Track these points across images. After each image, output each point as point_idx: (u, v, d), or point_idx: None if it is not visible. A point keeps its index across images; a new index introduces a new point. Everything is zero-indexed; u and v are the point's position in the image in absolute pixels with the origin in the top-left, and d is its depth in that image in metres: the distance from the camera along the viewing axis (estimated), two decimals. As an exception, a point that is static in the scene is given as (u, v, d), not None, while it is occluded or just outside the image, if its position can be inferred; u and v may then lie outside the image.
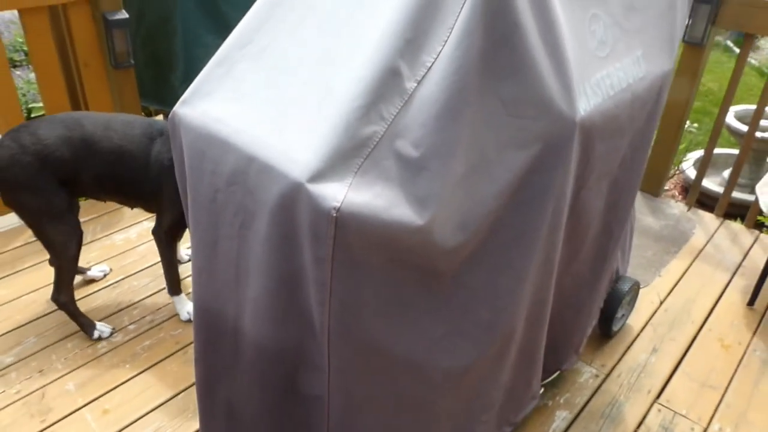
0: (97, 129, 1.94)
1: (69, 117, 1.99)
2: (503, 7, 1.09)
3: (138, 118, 2.04)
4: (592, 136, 1.33)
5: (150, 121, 2.01)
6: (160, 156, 1.92)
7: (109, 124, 1.97)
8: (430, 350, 1.27)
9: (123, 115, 2.06)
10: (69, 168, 1.91)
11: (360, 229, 1.02)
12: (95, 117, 2.00)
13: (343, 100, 1.04)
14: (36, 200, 1.92)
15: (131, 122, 1.99)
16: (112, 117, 2.02)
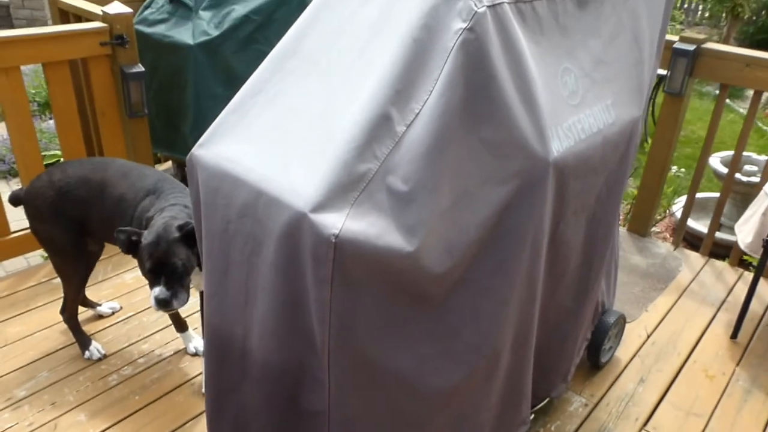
0: (115, 175, 2.05)
1: (99, 161, 2.14)
2: (481, 62, 1.25)
3: (155, 173, 2.09)
4: (566, 174, 1.48)
5: (159, 178, 2.05)
6: (143, 212, 1.93)
7: (129, 173, 2.06)
8: (421, 368, 1.39)
9: (147, 168, 2.13)
10: (82, 208, 2.05)
11: (356, 253, 1.16)
12: (121, 165, 2.11)
13: (342, 141, 1.20)
14: (50, 232, 2.11)
15: (145, 175, 2.05)
16: (135, 168, 2.11)
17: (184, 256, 1.76)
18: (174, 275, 1.75)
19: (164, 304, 1.75)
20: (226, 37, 2.90)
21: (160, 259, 1.74)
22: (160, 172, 2.12)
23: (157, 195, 1.97)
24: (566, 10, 1.52)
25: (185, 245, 1.75)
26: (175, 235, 1.75)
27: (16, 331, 2.40)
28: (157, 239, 1.74)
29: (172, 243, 1.74)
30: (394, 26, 1.29)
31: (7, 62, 2.51)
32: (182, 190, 2.00)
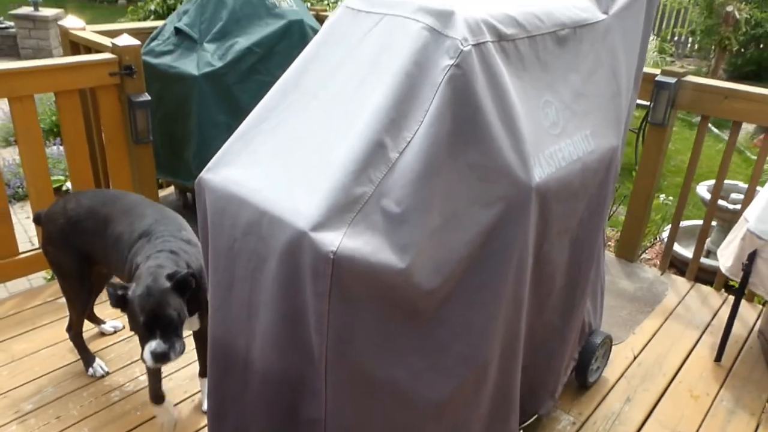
0: (118, 212, 2.06)
1: (110, 195, 2.20)
2: (467, 95, 1.37)
3: (153, 213, 2.06)
4: (549, 198, 1.59)
5: (155, 219, 2.03)
6: (134, 256, 1.90)
7: (131, 211, 2.06)
8: (414, 380, 1.47)
9: (149, 206, 2.11)
10: (88, 239, 2.11)
11: (352, 269, 1.26)
12: (127, 201, 2.13)
13: (340, 166, 1.31)
14: (58, 256, 2.20)
15: (144, 215, 2.04)
16: (138, 205, 2.10)
17: (177, 305, 1.71)
18: (170, 327, 1.69)
19: (162, 357, 1.66)
20: (230, 68, 3.04)
21: (154, 311, 1.67)
22: (159, 211, 2.10)
23: (149, 238, 1.93)
24: (546, 48, 1.64)
25: (177, 294, 1.71)
26: (166, 285, 1.70)
27: (22, 348, 2.48)
28: (147, 291, 1.69)
29: (165, 293, 1.69)
30: (388, 62, 1.41)
31: (22, 91, 2.63)
32: (174, 232, 1.97)
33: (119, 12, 10.28)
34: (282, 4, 3.22)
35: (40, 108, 6.36)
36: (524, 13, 1.59)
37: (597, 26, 1.82)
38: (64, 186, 5.14)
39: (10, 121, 6.75)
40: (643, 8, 2.00)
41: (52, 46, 9.74)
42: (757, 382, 2.57)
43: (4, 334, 2.56)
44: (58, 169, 5.41)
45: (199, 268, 1.86)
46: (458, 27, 1.39)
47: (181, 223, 2.07)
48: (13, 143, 6.31)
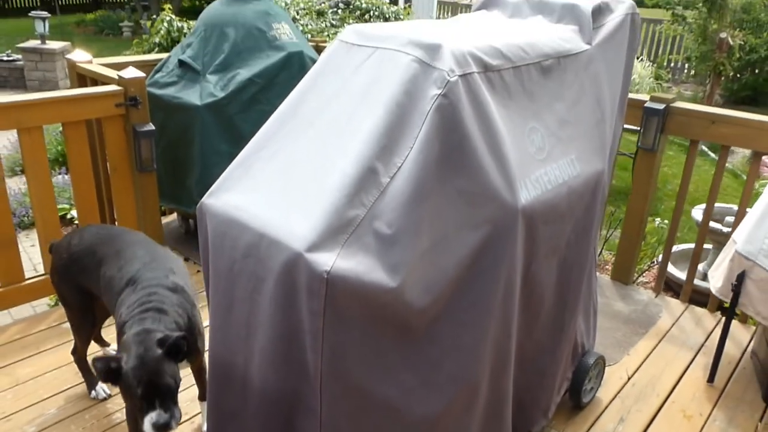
0: (111, 254, 2.04)
1: (108, 234, 2.17)
2: (454, 123, 1.45)
3: (143, 256, 2.02)
4: (535, 220, 1.66)
5: (144, 263, 1.98)
6: (120, 306, 1.86)
7: (122, 252, 2.04)
8: (406, 397, 1.53)
9: (141, 247, 2.07)
10: (86, 276, 2.12)
11: (346, 288, 1.32)
12: (121, 241, 2.10)
13: (334, 190, 1.38)
14: (61, 289, 2.25)
15: (134, 259, 2.00)
16: (129, 246, 2.06)
17: (173, 371, 1.66)
18: (168, 395, 1.63)
19: (165, 428, 1.61)
20: (231, 98, 3.14)
21: (152, 381, 1.61)
22: (150, 253, 2.05)
23: (134, 287, 1.88)
24: (531, 77, 1.73)
25: (171, 360, 1.66)
26: (159, 353, 1.64)
27: (27, 372, 2.53)
28: (141, 362, 1.62)
29: (160, 362, 1.63)
30: (380, 92, 1.50)
31: (31, 122, 2.72)
32: (161, 279, 1.92)
33: (124, 45, 10.51)
34: (282, 36, 3.33)
35: (46, 138, 6.44)
36: (509, 45, 1.68)
37: (580, 56, 1.91)
38: (68, 214, 5.23)
39: (15, 151, 6.89)
40: (625, 39, 2.09)
41: (58, 78, 9.94)
42: (750, 402, 2.60)
43: (8, 359, 2.61)
44: (63, 198, 5.50)
45: (187, 320, 1.84)
46: (445, 59, 1.48)
47: (171, 266, 2.01)
48: (19, 173, 6.42)
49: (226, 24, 3.27)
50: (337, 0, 6.78)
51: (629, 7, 2.09)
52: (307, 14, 6.04)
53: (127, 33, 14.51)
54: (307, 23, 5.82)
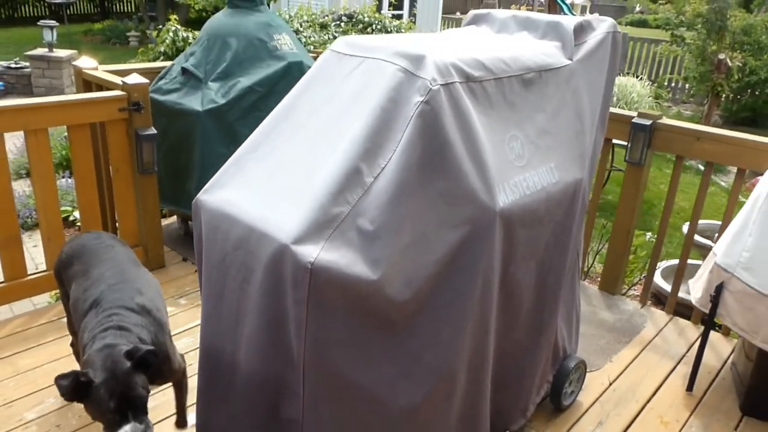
0: (81, 270, 2.00)
1: (87, 247, 2.10)
2: (435, 128, 1.55)
3: (111, 276, 1.94)
4: (513, 222, 1.75)
5: (107, 285, 1.90)
6: (83, 330, 1.78)
7: (91, 270, 1.98)
8: (387, 386, 1.61)
9: (112, 267, 1.99)
10: (64, 285, 2.11)
11: (329, 279, 1.41)
12: (97, 256, 2.04)
13: (320, 188, 1.48)
14: (60, 294, 2.25)
15: (100, 279, 1.93)
16: (103, 262, 2.00)
17: (143, 382, 1.61)
18: (140, 406, 1.59)
19: None
20: (232, 105, 3.25)
21: (124, 394, 1.56)
22: (119, 273, 1.97)
23: (97, 310, 1.81)
24: (513, 89, 1.83)
25: (141, 371, 1.61)
26: (128, 365, 1.59)
27: (27, 362, 2.62)
28: (111, 375, 1.57)
29: (130, 374, 1.58)
30: (367, 99, 1.60)
31: (37, 124, 2.83)
32: (125, 301, 1.83)
33: (131, 54, 10.68)
34: (283, 47, 3.45)
35: (51, 143, 6.59)
36: (491, 58, 1.78)
37: (562, 70, 2.01)
38: (71, 216, 5.33)
39: (21, 155, 7.01)
40: (607, 55, 2.20)
41: (64, 85, 10.09)
42: (727, 411, 2.67)
43: (10, 350, 2.70)
44: (66, 201, 5.61)
45: (153, 341, 1.77)
46: (428, 69, 1.58)
47: (139, 287, 1.93)
48: (24, 176, 6.54)
49: (229, 34, 3.39)
50: (340, 14, 6.92)
51: (610, 25, 2.20)
52: (311, 26, 6.18)
53: (134, 42, 14.72)
54: (310, 35, 5.95)
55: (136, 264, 2.11)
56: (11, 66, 10.49)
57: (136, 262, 2.11)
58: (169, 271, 3.46)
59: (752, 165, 2.96)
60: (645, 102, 10.27)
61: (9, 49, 13.62)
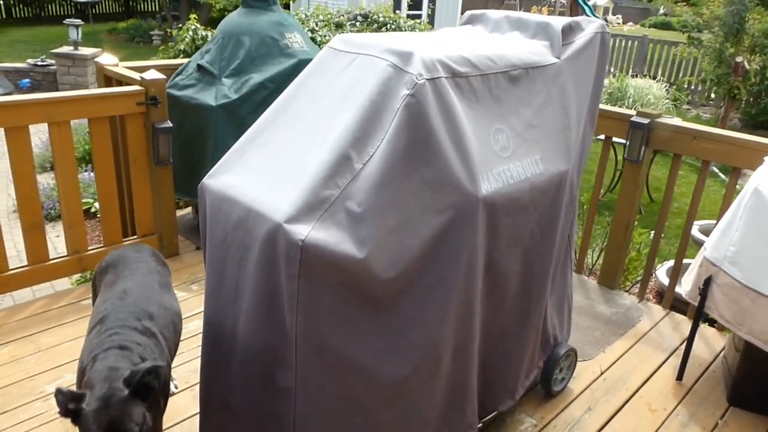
0: (107, 282, 1.99)
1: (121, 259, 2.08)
2: (421, 119, 1.67)
3: (121, 296, 1.87)
4: (496, 210, 1.87)
5: (113, 305, 1.82)
6: (85, 349, 1.71)
7: (112, 286, 1.93)
8: (373, 360, 1.73)
9: (130, 283, 1.93)
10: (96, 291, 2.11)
11: (318, 255, 1.54)
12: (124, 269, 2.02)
13: (312, 173, 1.61)
14: (92, 299, 2.21)
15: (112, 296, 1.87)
16: (124, 279, 1.95)
17: (139, 416, 1.47)
18: None
19: None
20: (244, 100, 3.40)
21: (113, 426, 1.43)
22: (132, 291, 1.90)
23: (100, 328, 1.72)
24: (499, 84, 1.95)
25: (139, 400, 1.48)
26: (125, 394, 1.46)
27: (48, 340, 2.80)
28: (105, 403, 1.44)
29: (124, 404, 1.45)
30: (359, 92, 1.72)
31: (60, 117, 3.00)
32: (130, 321, 1.73)
33: (153, 52, 10.94)
34: (294, 45, 3.60)
35: (75, 138, 6.83)
36: (478, 56, 1.90)
37: (549, 68, 2.12)
38: (92, 208, 5.54)
39: (46, 149, 7.26)
40: (595, 55, 2.30)
41: (89, 82, 10.38)
42: (714, 401, 2.75)
43: (33, 329, 2.88)
44: (88, 193, 5.82)
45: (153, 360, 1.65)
46: (416, 65, 1.70)
47: (154, 311, 1.83)
48: (48, 169, 6.78)
49: (243, 33, 3.54)
50: (355, 13, 7.07)
51: (599, 26, 2.30)
52: (326, 26, 6.32)
53: (157, 41, 15.02)
54: (326, 34, 6.10)
55: (165, 286, 2.01)
56: (38, 63, 10.81)
57: (165, 284, 2.03)
58: (183, 258, 3.63)
59: (746, 164, 3.03)
60: (661, 104, 10.27)
61: (36, 47, 14.00)
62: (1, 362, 2.64)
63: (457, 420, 2.08)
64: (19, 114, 2.87)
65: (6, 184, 6.25)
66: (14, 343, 2.77)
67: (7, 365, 2.63)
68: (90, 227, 5.43)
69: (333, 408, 1.76)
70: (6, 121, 2.84)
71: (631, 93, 10.21)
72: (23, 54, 12.64)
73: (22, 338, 2.81)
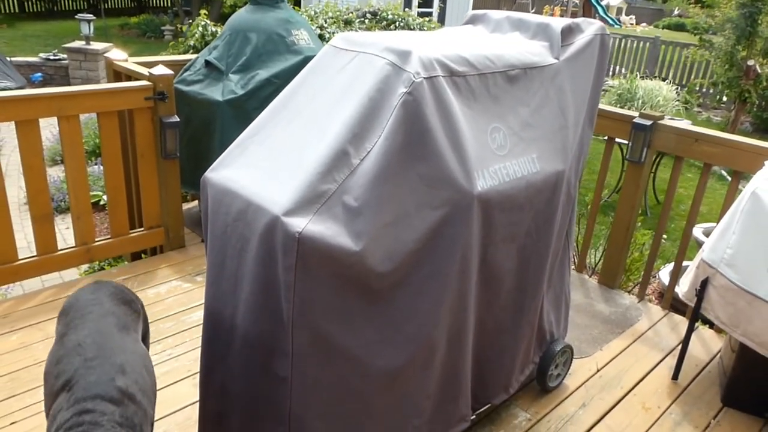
0: (60, 331, 1.70)
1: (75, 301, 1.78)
2: (418, 116, 1.71)
3: (84, 350, 1.55)
4: (491, 206, 1.91)
5: (87, 357, 1.53)
6: (53, 416, 1.44)
7: (66, 336, 1.63)
8: (368, 350, 1.78)
9: (91, 331, 1.62)
10: None
11: (315, 247, 1.59)
12: (78, 312, 1.72)
13: (310, 168, 1.65)
14: None
15: (73, 351, 1.55)
16: (82, 324, 1.65)
17: None
18: None
19: None
20: (250, 95, 3.46)
21: None
22: (96, 341, 1.59)
23: (69, 394, 1.45)
24: (497, 84, 1.99)
25: None
26: None
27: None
28: None
29: None
30: (358, 89, 1.77)
31: (70, 111, 3.06)
32: (102, 387, 1.45)
33: (164, 47, 11.03)
34: (300, 42, 3.64)
35: (85, 131, 6.94)
36: (476, 55, 1.93)
37: (547, 69, 2.15)
38: (101, 200, 5.62)
39: (57, 142, 7.36)
40: (594, 57, 2.33)
41: (100, 76, 10.48)
42: (709, 401, 2.78)
43: (41, 317, 2.94)
44: (98, 186, 5.90)
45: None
46: (413, 63, 1.75)
47: (123, 362, 1.54)
48: (59, 162, 6.88)
49: (250, 29, 3.59)
50: (365, 10, 7.10)
51: (599, 28, 2.33)
52: (335, 23, 6.36)
53: (168, 36, 15.13)
54: (335, 31, 6.14)
55: (124, 328, 1.70)
56: (50, 58, 10.93)
57: (124, 326, 1.70)
58: (189, 250, 3.69)
59: (746, 167, 3.05)
60: (671, 106, 10.24)
61: (48, 41, 14.15)
62: (11, 348, 2.71)
63: (450, 411, 2.12)
64: (30, 108, 2.93)
65: (18, 176, 6.35)
66: (23, 331, 2.84)
67: (16, 351, 2.70)
68: (99, 219, 5.51)
69: (328, 396, 1.80)
70: (17, 114, 2.90)
71: (640, 94, 10.20)
72: (35, 48, 12.79)
73: (31, 326, 2.88)
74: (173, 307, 3.09)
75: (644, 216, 6.86)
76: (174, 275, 3.38)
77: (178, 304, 3.12)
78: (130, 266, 3.48)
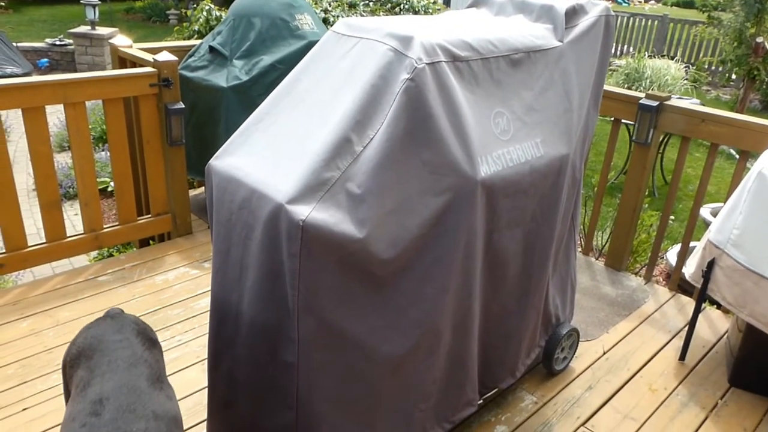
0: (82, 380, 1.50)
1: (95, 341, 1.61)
2: (420, 103, 1.71)
3: (117, 400, 1.40)
4: (495, 192, 1.91)
5: (118, 412, 1.37)
6: None
7: (90, 383, 1.46)
8: (373, 336, 1.79)
9: (125, 389, 1.44)
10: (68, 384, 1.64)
11: (318, 235, 1.60)
12: (102, 356, 1.54)
13: (314, 155, 1.65)
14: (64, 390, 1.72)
15: (97, 409, 1.38)
16: (109, 370, 1.49)
17: None
18: None
19: None
20: (255, 81, 3.45)
21: None
22: (117, 399, 1.41)
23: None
24: (500, 68, 1.97)
25: None
26: None
27: (66, 315, 2.90)
28: None
29: None
30: (360, 76, 1.76)
31: (75, 98, 3.07)
32: None
33: (169, 32, 11.00)
34: (304, 26, 3.63)
35: (92, 118, 6.96)
36: (479, 39, 1.92)
37: (551, 52, 2.14)
38: (109, 187, 5.65)
39: (64, 128, 7.38)
40: (599, 38, 2.31)
41: (106, 62, 10.47)
42: (715, 382, 2.79)
43: (51, 304, 2.98)
44: (105, 173, 5.93)
45: None
46: (416, 49, 1.74)
47: (132, 429, 1.35)
48: (67, 149, 6.91)
49: (253, 14, 3.58)
50: (369, -6, 7.05)
51: (603, 9, 2.31)
52: (339, 6, 6.32)
53: (173, 21, 15.06)
54: (339, 14, 6.10)
55: (157, 380, 1.53)
56: (56, 43, 10.92)
57: (156, 377, 1.54)
58: (196, 237, 3.71)
59: (754, 146, 3.03)
60: (679, 85, 10.13)
61: (54, 26, 14.12)
62: (21, 335, 2.75)
63: (456, 395, 2.14)
64: (35, 95, 2.94)
65: (26, 163, 6.39)
66: (33, 317, 2.88)
67: (27, 338, 2.74)
68: (107, 206, 5.54)
69: (334, 381, 1.82)
70: (23, 102, 2.91)
71: (648, 74, 10.09)
72: (41, 33, 12.77)
73: (41, 312, 2.92)
74: (181, 294, 3.12)
75: (651, 197, 6.83)
76: (182, 262, 3.40)
77: (186, 290, 3.15)
78: (138, 253, 3.51)
